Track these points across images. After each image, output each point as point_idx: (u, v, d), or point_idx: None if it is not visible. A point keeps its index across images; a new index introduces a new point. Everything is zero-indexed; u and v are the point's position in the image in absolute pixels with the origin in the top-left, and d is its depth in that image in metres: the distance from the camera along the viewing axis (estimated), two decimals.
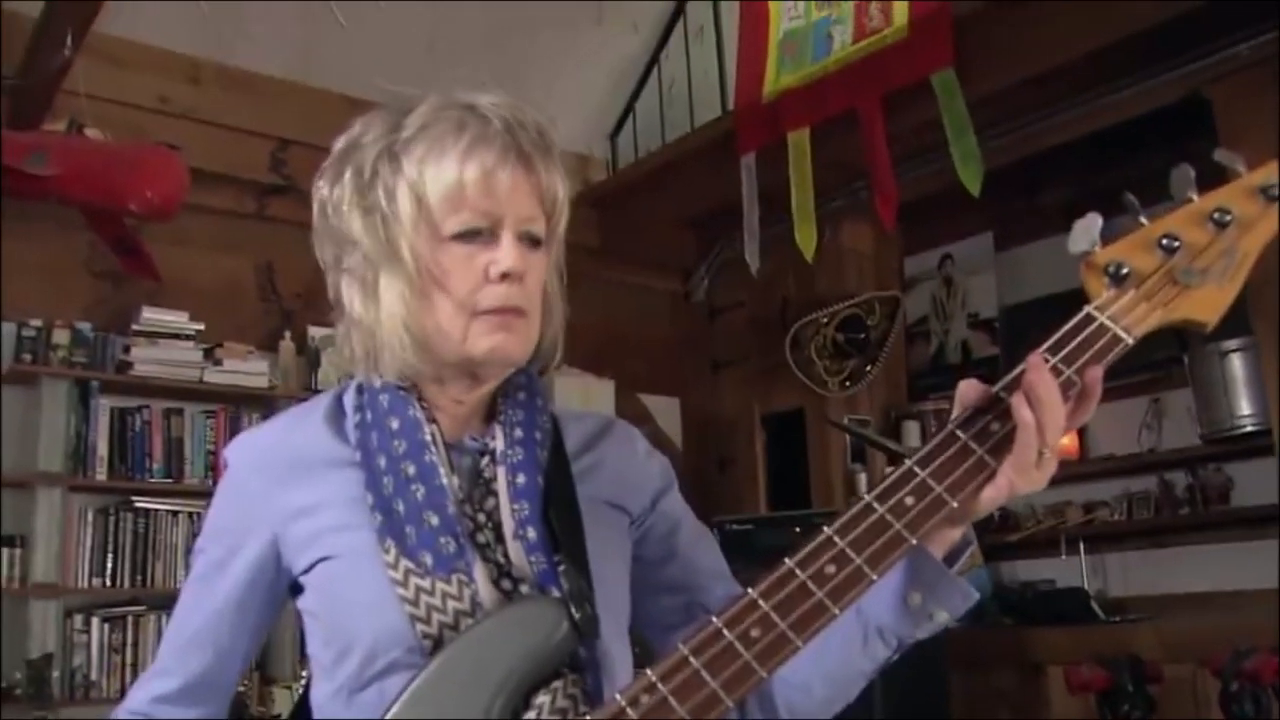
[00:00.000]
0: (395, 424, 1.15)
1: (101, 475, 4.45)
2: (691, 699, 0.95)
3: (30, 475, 4.34)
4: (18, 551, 4.28)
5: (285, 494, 1.16)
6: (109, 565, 4.41)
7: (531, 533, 1.11)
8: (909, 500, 0.99)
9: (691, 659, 0.96)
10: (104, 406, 4.48)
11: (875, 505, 1.00)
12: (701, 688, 0.95)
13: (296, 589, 1.18)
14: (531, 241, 1.15)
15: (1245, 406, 4.58)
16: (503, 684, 1.00)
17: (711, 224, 5.58)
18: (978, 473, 1.01)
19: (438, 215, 1.12)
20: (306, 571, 1.15)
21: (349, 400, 1.20)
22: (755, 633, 0.96)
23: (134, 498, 4.50)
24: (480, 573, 1.08)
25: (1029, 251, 5.49)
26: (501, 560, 1.10)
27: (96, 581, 4.39)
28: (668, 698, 0.95)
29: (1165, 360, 4.87)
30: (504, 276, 1.12)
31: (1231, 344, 4.55)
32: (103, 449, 4.46)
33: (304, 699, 1.20)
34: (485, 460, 1.16)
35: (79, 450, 4.41)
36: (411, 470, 1.12)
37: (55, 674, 4.17)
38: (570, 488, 1.17)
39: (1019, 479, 1.00)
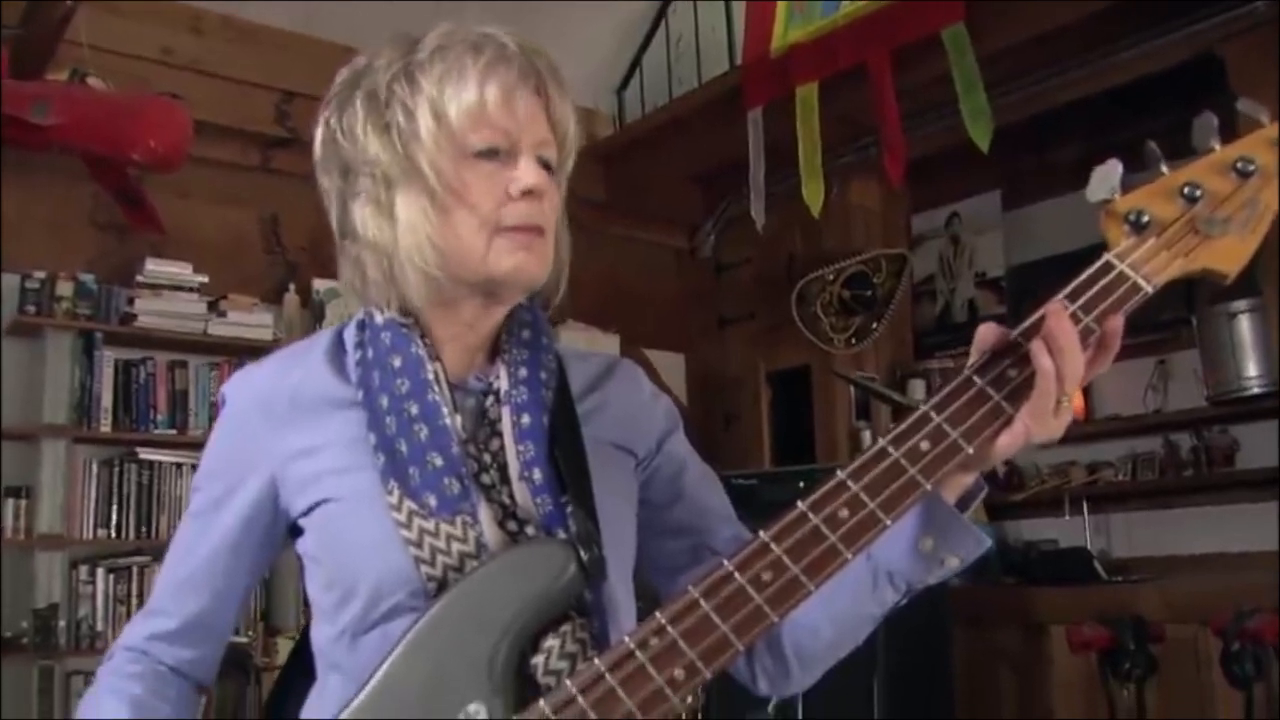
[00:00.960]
0: (398, 362, 1.13)
1: (106, 427, 4.46)
2: (702, 642, 0.94)
3: (35, 427, 4.34)
4: (23, 502, 4.30)
5: (284, 434, 1.15)
6: (114, 516, 4.42)
7: (537, 474, 1.10)
8: (924, 445, 0.98)
9: (702, 602, 0.95)
10: (108, 358, 4.48)
11: (890, 449, 0.98)
12: (712, 631, 0.94)
13: (295, 531, 1.17)
14: (546, 166, 1.15)
15: (1252, 369, 4.56)
16: (508, 627, 1.00)
17: (718, 180, 5.55)
18: (994, 419, 1.00)
19: (459, 132, 1.10)
20: (306, 514, 1.14)
21: (350, 337, 1.19)
22: (767, 576, 0.95)
23: (138, 449, 4.50)
24: (485, 514, 1.07)
25: (1037, 210, 5.46)
26: (507, 501, 1.09)
27: (102, 532, 4.40)
28: (677, 640, 0.94)
29: (1172, 321, 4.84)
30: (526, 194, 1.11)
31: (1240, 305, 4.53)
32: (107, 400, 4.46)
33: (302, 643, 1.20)
34: (490, 400, 1.15)
35: (83, 402, 4.41)
36: (414, 410, 1.11)
37: (61, 624, 4.19)
38: (576, 428, 1.16)
39: (1036, 426, 0.99)
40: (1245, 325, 4.55)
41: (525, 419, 1.12)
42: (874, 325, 5.24)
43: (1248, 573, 4.32)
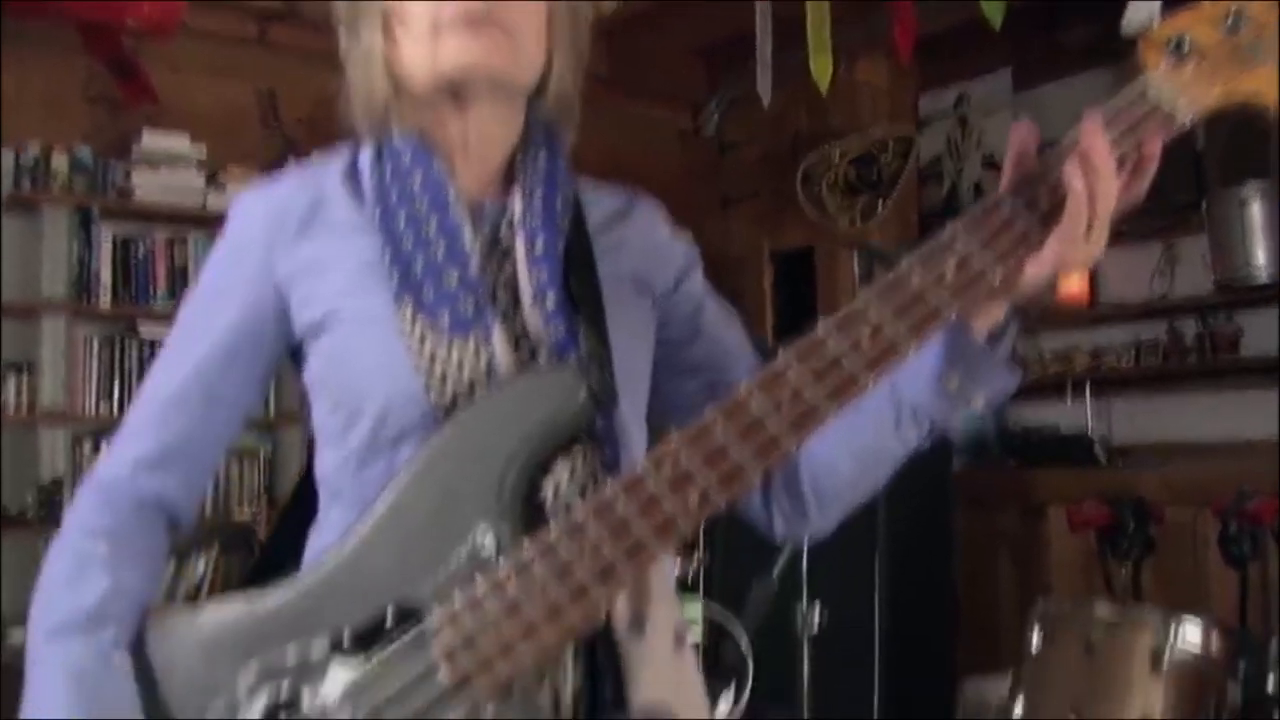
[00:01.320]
0: (417, 180, 1.10)
1: (105, 303, 4.43)
2: (717, 468, 0.92)
3: (34, 302, 4.32)
4: (24, 378, 4.29)
5: (295, 249, 1.11)
6: (116, 392, 4.42)
7: (550, 299, 1.07)
8: (950, 271, 0.95)
9: (719, 426, 0.93)
10: (106, 233, 4.44)
11: (915, 275, 0.95)
12: (727, 457, 0.92)
13: (299, 359, 1.13)
14: None
15: (1261, 256, 4.49)
16: (517, 452, 0.97)
17: (723, 55, 5.43)
18: (1022, 244, 0.96)
19: None
20: (312, 335, 1.10)
21: (365, 160, 1.14)
22: (786, 402, 0.92)
23: (139, 324, 4.48)
24: (499, 336, 1.05)
25: (1048, 92, 5.34)
26: (519, 328, 1.07)
27: (104, 408, 4.41)
28: (694, 466, 0.92)
29: (1182, 206, 4.77)
30: None
31: (1251, 191, 4.45)
32: (106, 276, 4.44)
33: (304, 480, 1.17)
34: (504, 226, 1.12)
35: (82, 277, 4.39)
36: (433, 227, 1.08)
37: (65, 498, 4.21)
38: (590, 259, 1.13)
39: (1066, 251, 0.95)
40: (1256, 211, 4.48)
41: (539, 244, 1.09)
42: (879, 206, 5.18)
43: (1249, 459, 4.32)
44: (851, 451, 1.11)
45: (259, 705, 0.97)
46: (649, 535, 0.92)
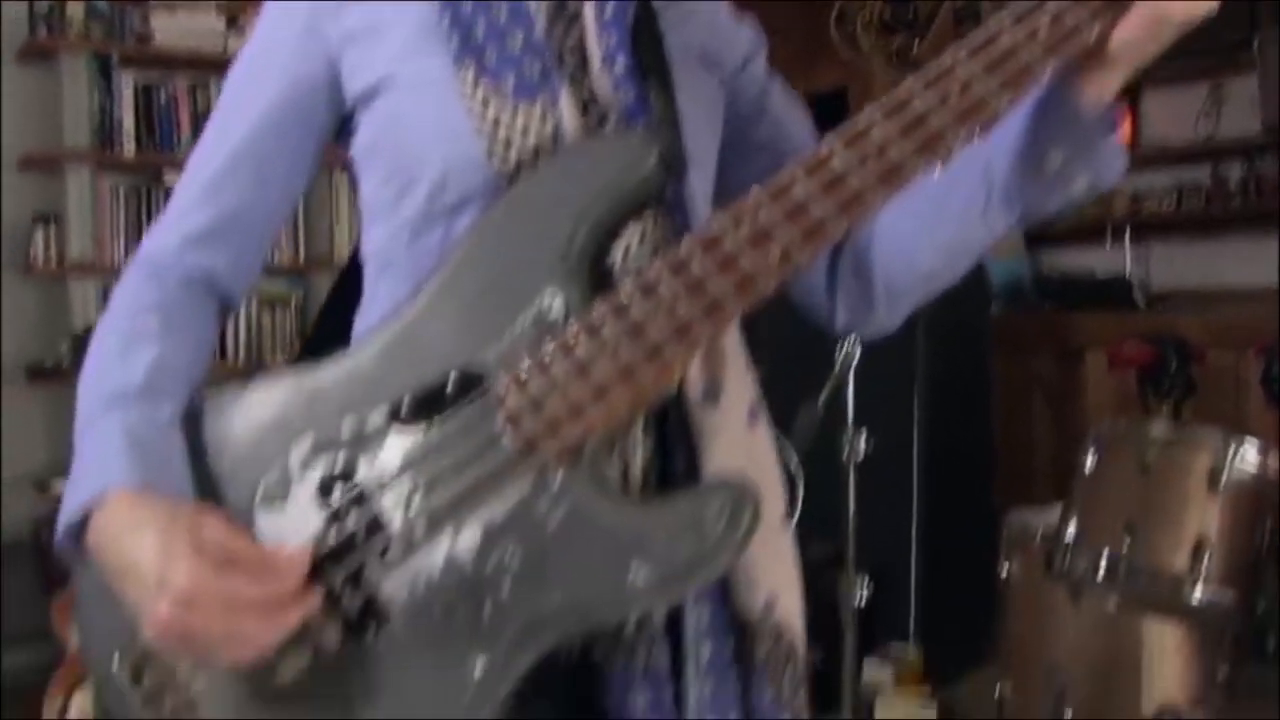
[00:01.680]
0: None
1: (129, 151, 4.37)
2: (798, 223, 0.87)
3: (57, 153, 4.26)
4: (52, 230, 4.26)
5: (342, 12, 1.04)
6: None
7: (620, 63, 1.01)
8: (1044, 26, 0.87)
9: (800, 182, 0.87)
10: (126, 81, 4.35)
11: (1006, 32, 0.88)
12: (808, 213, 0.87)
13: (348, 132, 1.07)
14: None
15: None
16: (584, 216, 0.92)
17: None
18: (1116, 2, 0.89)
19: None
20: (365, 101, 1.04)
21: None
22: (870, 157, 0.86)
23: (164, 172, 4.43)
24: (566, 100, 0.99)
25: None
26: (587, 94, 1.01)
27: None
28: (772, 222, 0.87)
29: (1232, 45, 4.61)
30: None
31: None
32: (129, 124, 4.36)
33: (351, 264, 1.12)
34: None
35: (104, 126, 4.31)
36: None
37: None
38: (657, 29, 1.07)
39: (1152, 6, 0.86)
40: None
41: (609, 9, 1.03)
42: (914, 46, 5.03)
43: None
44: (933, 243, 1.06)
45: (313, 478, 0.94)
46: (727, 293, 0.87)
